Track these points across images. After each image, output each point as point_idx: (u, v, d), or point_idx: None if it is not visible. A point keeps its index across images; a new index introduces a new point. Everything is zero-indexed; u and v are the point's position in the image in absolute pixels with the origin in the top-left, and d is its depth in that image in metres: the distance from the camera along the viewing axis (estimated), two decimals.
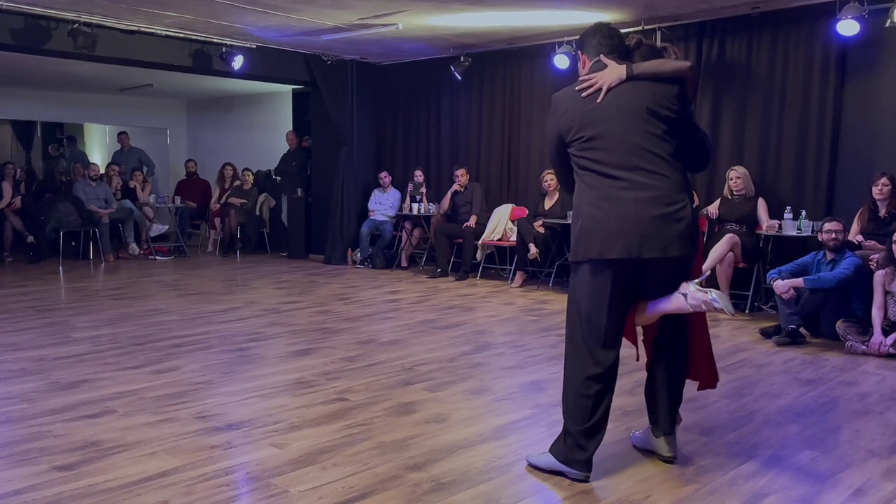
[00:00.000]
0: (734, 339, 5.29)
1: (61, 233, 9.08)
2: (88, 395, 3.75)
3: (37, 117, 12.95)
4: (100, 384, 3.94)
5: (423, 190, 8.77)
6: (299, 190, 9.93)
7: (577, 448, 2.74)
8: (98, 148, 14.09)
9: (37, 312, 5.97)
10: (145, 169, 10.97)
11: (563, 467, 2.77)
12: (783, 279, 5.17)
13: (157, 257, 9.77)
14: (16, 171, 9.97)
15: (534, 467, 2.87)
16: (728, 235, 6.08)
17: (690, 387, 3.07)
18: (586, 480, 2.74)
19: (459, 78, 8.28)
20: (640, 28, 6.67)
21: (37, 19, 6.77)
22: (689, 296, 2.67)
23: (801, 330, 5.17)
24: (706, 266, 6.05)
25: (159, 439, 3.13)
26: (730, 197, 6.39)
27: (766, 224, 6.16)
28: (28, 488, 2.63)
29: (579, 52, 2.92)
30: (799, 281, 5.10)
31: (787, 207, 6.10)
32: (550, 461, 2.81)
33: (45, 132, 13.98)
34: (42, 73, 9.50)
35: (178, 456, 2.95)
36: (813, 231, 5.76)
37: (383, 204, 9.14)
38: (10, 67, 9.01)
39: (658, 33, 6.67)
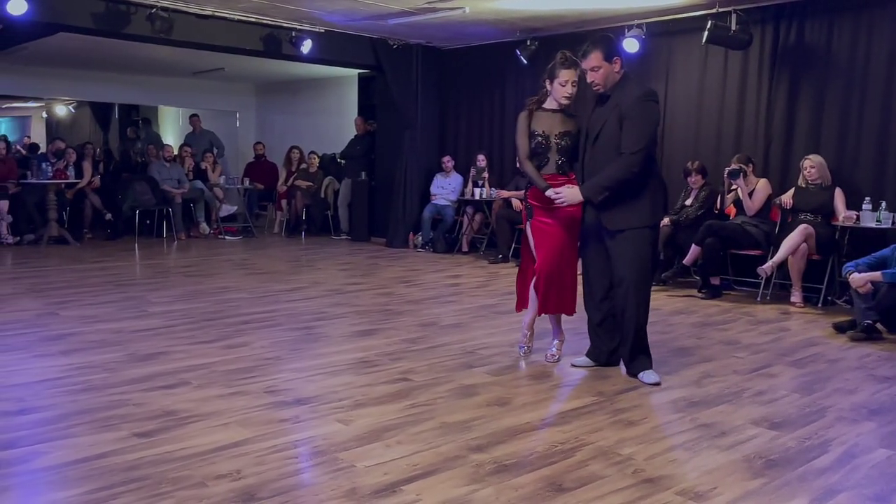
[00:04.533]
0: (806, 332, 5.13)
1: (137, 211, 9.44)
2: (164, 366, 3.91)
3: (114, 99, 13.45)
4: (175, 357, 4.11)
5: (486, 175, 8.75)
6: (363, 173, 10.06)
7: None
8: (171, 130, 14.55)
9: (115, 287, 6.23)
10: (216, 151, 11.28)
11: None
12: (860, 272, 4.98)
13: (226, 237, 10.06)
14: (95, 151, 10.39)
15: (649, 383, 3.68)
16: (802, 226, 5.89)
17: (757, 379, 2.98)
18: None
19: (525, 62, 8.21)
20: (714, 10, 6.49)
21: (117, 4, 7.02)
22: None
23: (878, 326, 4.98)
24: (778, 257, 5.89)
25: (231, 411, 3.25)
26: (804, 186, 6.18)
27: (843, 215, 5.94)
28: (111, 452, 2.77)
29: (616, 58, 3.84)
30: (877, 275, 4.89)
31: (867, 198, 5.87)
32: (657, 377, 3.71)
33: (122, 114, 14.53)
34: (120, 56, 9.84)
35: (249, 427, 3.05)
36: (893, 223, 5.54)
37: (445, 188, 9.17)
38: (91, 50, 9.37)
39: (733, 16, 6.47)
